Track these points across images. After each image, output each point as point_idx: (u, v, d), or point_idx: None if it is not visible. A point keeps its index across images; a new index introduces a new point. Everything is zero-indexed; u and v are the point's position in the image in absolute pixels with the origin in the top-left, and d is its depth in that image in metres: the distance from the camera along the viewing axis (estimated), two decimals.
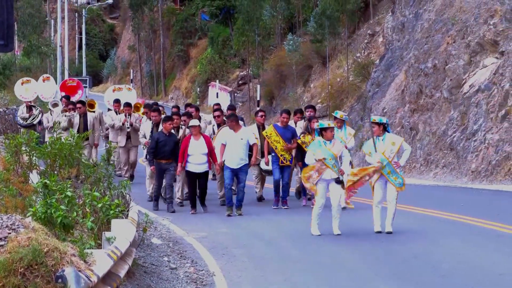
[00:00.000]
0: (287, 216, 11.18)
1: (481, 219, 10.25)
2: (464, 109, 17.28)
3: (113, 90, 19.04)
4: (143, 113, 16.48)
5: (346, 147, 10.17)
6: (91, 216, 6.96)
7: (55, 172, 9.78)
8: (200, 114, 13.93)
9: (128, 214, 7.71)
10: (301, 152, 11.77)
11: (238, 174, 11.25)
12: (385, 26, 28.69)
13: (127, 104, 15.52)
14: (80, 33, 55.56)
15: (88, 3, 64.59)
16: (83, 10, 49.43)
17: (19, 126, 16.55)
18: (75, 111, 14.90)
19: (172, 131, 11.95)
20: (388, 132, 9.67)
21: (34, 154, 10.72)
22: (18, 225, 5.54)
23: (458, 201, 12.64)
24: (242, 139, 11.20)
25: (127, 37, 61.39)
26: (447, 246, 8.62)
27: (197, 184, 11.53)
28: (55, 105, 16.75)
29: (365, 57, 30.63)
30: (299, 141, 11.91)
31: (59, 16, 30.71)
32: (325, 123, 9.99)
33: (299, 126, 12.44)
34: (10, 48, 6.90)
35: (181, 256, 8.65)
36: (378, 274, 7.44)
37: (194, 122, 11.52)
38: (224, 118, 12.83)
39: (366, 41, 31.49)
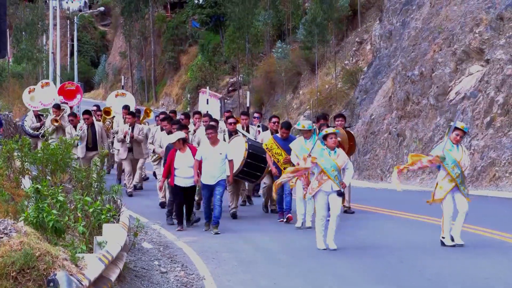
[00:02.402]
0: (277, 222, 11.22)
1: (467, 224, 10.37)
2: (450, 116, 17.47)
3: (116, 95, 18.14)
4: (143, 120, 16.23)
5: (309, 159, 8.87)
6: (82, 221, 7.00)
7: (47, 177, 9.86)
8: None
9: (119, 218, 7.76)
10: None
11: (214, 188, 10.41)
12: (373, 34, 28.98)
13: (131, 114, 14.58)
14: (72, 40, 55.48)
15: (80, 10, 64.59)
16: (75, 17, 49.39)
17: (28, 136, 15.43)
18: (84, 122, 14.11)
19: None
20: None
21: (26, 160, 10.77)
22: (10, 229, 5.60)
23: None
24: (221, 153, 10.42)
25: (119, 44, 61.40)
26: (433, 251, 8.71)
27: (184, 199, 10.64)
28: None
29: (353, 65, 30.90)
30: None
31: (51, 23, 30.72)
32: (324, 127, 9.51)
33: None
34: (3, 55, 7.02)
35: (171, 260, 8.71)
36: (365, 279, 7.55)
37: (175, 137, 10.71)
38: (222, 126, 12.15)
39: (354, 48, 31.78)
